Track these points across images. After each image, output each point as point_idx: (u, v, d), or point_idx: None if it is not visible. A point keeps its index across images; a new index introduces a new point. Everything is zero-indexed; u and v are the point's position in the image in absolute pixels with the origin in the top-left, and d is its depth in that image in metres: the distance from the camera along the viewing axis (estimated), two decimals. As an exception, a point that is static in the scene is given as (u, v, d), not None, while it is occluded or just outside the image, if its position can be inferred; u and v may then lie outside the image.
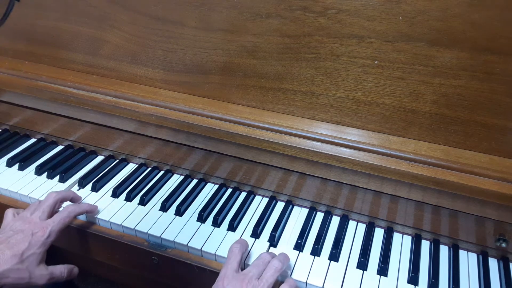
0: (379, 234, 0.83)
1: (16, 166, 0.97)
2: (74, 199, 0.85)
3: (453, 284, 0.72)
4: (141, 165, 0.99)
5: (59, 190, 0.82)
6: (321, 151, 0.77)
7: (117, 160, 1.00)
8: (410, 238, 0.82)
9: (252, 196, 0.91)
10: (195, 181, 0.95)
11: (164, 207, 0.87)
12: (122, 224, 0.82)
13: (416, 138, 0.75)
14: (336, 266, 0.76)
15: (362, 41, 0.71)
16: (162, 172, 0.97)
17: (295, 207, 0.89)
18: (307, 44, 0.74)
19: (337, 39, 0.72)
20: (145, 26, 0.85)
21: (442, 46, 0.67)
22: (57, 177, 0.94)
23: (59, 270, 0.75)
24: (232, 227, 0.82)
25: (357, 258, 0.77)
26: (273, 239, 0.80)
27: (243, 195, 0.91)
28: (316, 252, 0.78)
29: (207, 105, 0.85)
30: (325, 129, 0.78)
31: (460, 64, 0.67)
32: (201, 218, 0.84)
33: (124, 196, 0.89)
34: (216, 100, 0.85)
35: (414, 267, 0.75)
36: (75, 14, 0.90)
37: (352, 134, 0.77)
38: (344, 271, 0.75)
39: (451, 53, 0.67)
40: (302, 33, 0.74)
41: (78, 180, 0.93)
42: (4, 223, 0.75)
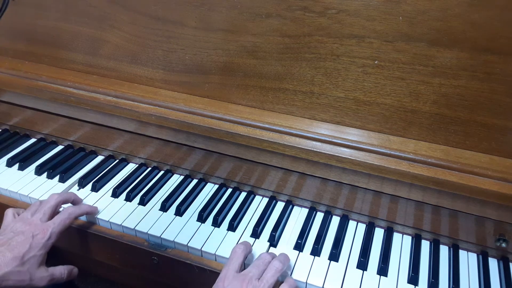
0: (379, 234, 0.83)
1: (16, 166, 0.97)
2: (76, 201, 0.84)
3: (453, 284, 0.72)
4: (141, 165, 0.99)
5: (61, 192, 0.82)
6: (321, 151, 0.77)
7: (117, 160, 1.00)
8: (410, 238, 0.82)
9: (252, 196, 0.91)
10: (195, 181, 0.95)
11: (164, 207, 0.87)
12: (122, 224, 0.82)
13: (416, 138, 0.75)
14: (336, 266, 0.76)
15: (362, 41, 0.71)
16: (162, 172, 0.97)
17: (295, 207, 0.89)
18: (307, 44, 0.74)
19: (337, 39, 0.72)
20: (145, 26, 0.85)
21: (442, 46, 0.67)
22: (57, 177, 0.94)
23: (59, 272, 0.75)
24: (232, 227, 0.82)
25: (357, 258, 0.77)
26: (273, 239, 0.80)
27: (243, 195, 0.91)
28: (316, 252, 0.78)
29: (207, 105, 0.85)
30: (325, 129, 0.79)
31: (460, 64, 0.67)
32: (201, 218, 0.84)
33: (124, 196, 0.90)
34: (216, 100, 0.85)
35: (414, 267, 0.75)
36: (75, 14, 0.90)
37: (352, 134, 0.77)
38: (344, 271, 0.75)
39: (451, 53, 0.67)
40: (302, 33, 0.74)
41: (78, 180, 0.93)
42: (5, 224, 0.75)
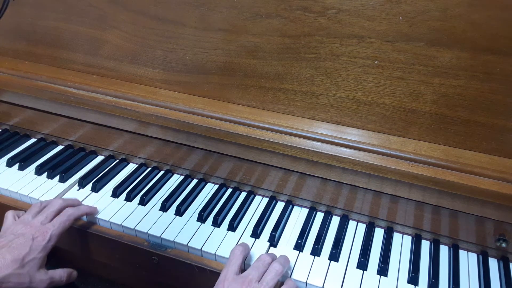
0: (379, 234, 0.83)
1: (16, 166, 0.97)
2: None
3: (453, 284, 0.72)
4: (141, 165, 0.99)
5: (66, 198, 0.81)
6: (321, 151, 0.77)
7: (117, 160, 1.00)
8: (410, 238, 0.82)
9: (252, 196, 0.91)
10: (195, 181, 0.95)
11: (164, 207, 0.87)
12: (122, 224, 0.82)
13: (416, 138, 0.75)
14: (336, 266, 0.76)
15: (362, 41, 0.71)
16: (162, 172, 0.97)
17: (295, 207, 0.89)
18: (307, 44, 0.74)
19: (337, 39, 0.72)
20: (145, 26, 0.85)
21: (442, 46, 0.67)
22: (57, 177, 0.94)
23: (59, 274, 0.75)
24: (232, 227, 0.82)
25: (357, 258, 0.77)
26: (273, 239, 0.80)
27: (243, 195, 0.91)
28: (316, 252, 0.78)
29: (207, 105, 0.85)
30: (325, 129, 0.79)
31: (460, 64, 0.67)
32: (201, 218, 0.84)
33: (124, 196, 0.89)
34: (216, 100, 0.85)
35: (414, 267, 0.75)
36: (75, 14, 0.90)
37: (352, 134, 0.77)
38: (344, 271, 0.75)
39: (451, 53, 0.67)
40: (302, 33, 0.74)
41: (78, 180, 0.93)
42: (5, 226, 0.75)
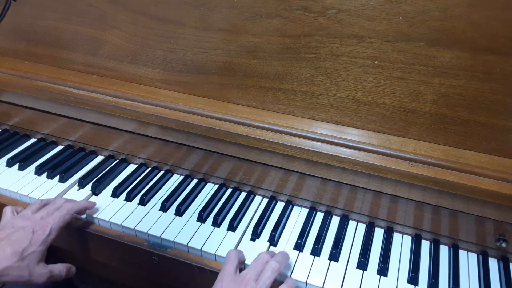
0: (379, 234, 0.83)
1: (16, 166, 0.97)
2: (81, 212, 0.83)
3: (453, 284, 0.72)
4: (141, 165, 0.99)
5: (68, 199, 0.81)
6: (321, 151, 0.77)
7: (117, 160, 1.00)
8: (410, 238, 0.82)
9: (252, 196, 0.91)
10: (195, 181, 0.95)
11: (164, 207, 0.87)
12: (122, 224, 0.82)
13: (416, 138, 0.75)
14: (336, 266, 0.76)
15: (362, 41, 0.71)
16: (162, 172, 0.97)
17: (295, 207, 0.89)
18: (307, 44, 0.74)
19: (337, 39, 0.72)
20: (145, 26, 0.85)
21: (442, 46, 0.67)
22: (57, 177, 0.94)
23: (58, 269, 0.75)
24: (232, 227, 0.82)
25: (357, 258, 0.77)
26: (273, 239, 0.80)
27: (243, 195, 0.91)
28: (316, 252, 0.78)
29: (207, 105, 0.85)
30: (325, 129, 0.79)
31: (460, 64, 0.67)
32: (201, 218, 0.84)
33: (124, 196, 0.89)
34: (216, 100, 0.85)
35: (414, 267, 0.75)
36: (75, 14, 0.90)
37: (352, 134, 0.77)
38: (344, 271, 0.75)
39: (451, 53, 0.67)
40: (302, 33, 0.74)
41: (78, 180, 0.93)
42: (3, 221, 0.75)
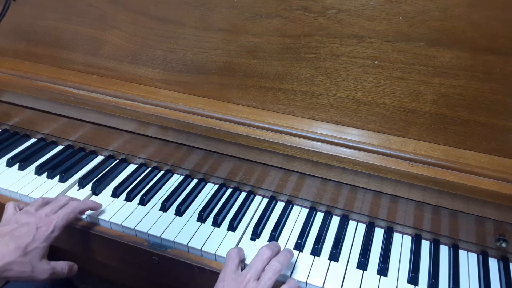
0: (379, 234, 0.83)
1: (16, 166, 0.97)
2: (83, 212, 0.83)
3: (453, 284, 0.72)
4: (141, 165, 0.99)
5: (72, 197, 0.81)
6: (321, 151, 0.77)
7: (117, 160, 1.00)
8: (410, 238, 0.82)
9: (252, 196, 0.91)
10: (195, 181, 0.95)
11: (164, 207, 0.87)
12: (122, 224, 0.82)
13: (416, 138, 0.75)
14: (336, 266, 0.76)
15: (362, 41, 0.71)
16: (162, 172, 0.97)
17: (295, 207, 0.89)
18: (307, 44, 0.74)
19: (337, 39, 0.72)
20: (145, 26, 0.85)
21: (442, 46, 0.67)
22: (57, 177, 0.94)
23: (60, 266, 0.75)
24: (232, 227, 0.82)
25: (357, 258, 0.77)
26: (273, 239, 0.80)
27: (243, 195, 0.91)
28: (316, 252, 0.78)
29: (207, 105, 0.85)
30: (325, 129, 0.79)
31: (460, 64, 0.67)
32: (201, 218, 0.84)
33: (124, 196, 0.89)
34: (216, 100, 0.85)
35: (414, 267, 0.75)
36: (75, 14, 0.90)
37: (352, 134, 0.77)
38: (344, 271, 0.75)
39: (451, 53, 0.67)
40: (302, 33, 0.74)
41: (78, 180, 0.93)
42: (5, 216, 0.75)
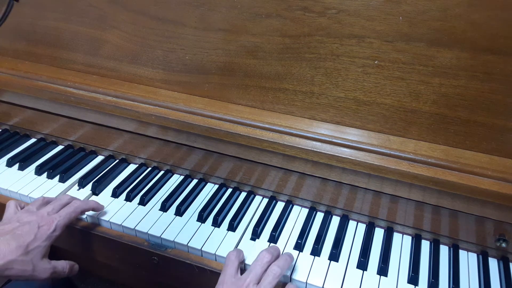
0: (379, 234, 0.83)
1: (16, 166, 0.97)
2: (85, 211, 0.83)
3: (453, 284, 0.72)
4: (141, 165, 0.99)
5: (73, 196, 0.81)
6: (321, 151, 0.77)
7: (117, 160, 1.00)
8: (410, 238, 0.82)
9: (252, 196, 0.91)
10: (195, 181, 0.95)
11: (164, 207, 0.87)
12: (122, 224, 0.82)
13: (416, 138, 0.75)
14: (336, 266, 0.76)
15: (362, 41, 0.71)
16: (162, 172, 0.97)
17: (295, 207, 0.89)
18: (307, 44, 0.74)
19: (337, 39, 0.72)
20: (145, 26, 0.85)
21: (442, 46, 0.67)
22: (57, 177, 0.94)
23: (61, 265, 0.75)
24: (232, 227, 0.82)
25: (357, 258, 0.77)
26: (273, 239, 0.80)
27: (243, 195, 0.91)
28: (316, 252, 0.78)
29: (207, 105, 0.85)
30: (325, 129, 0.78)
31: (460, 64, 0.67)
32: (201, 218, 0.84)
33: (124, 196, 0.89)
34: (216, 100, 0.85)
35: (414, 267, 0.75)
36: (75, 14, 0.90)
37: (352, 134, 0.77)
38: (344, 271, 0.75)
39: (451, 53, 0.67)
40: (302, 33, 0.74)
41: (78, 180, 0.93)
42: (6, 215, 0.75)
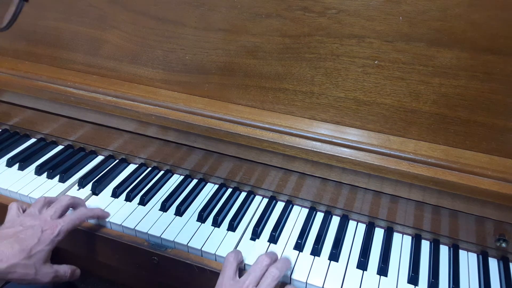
0: (379, 234, 0.83)
1: (16, 166, 0.97)
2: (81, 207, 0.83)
3: (453, 284, 0.72)
4: (141, 165, 0.99)
5: (73, 196, 0.82)
6: (321, 151, 0.77)
7: (117, 160, 1.00)
8: (410, 238, 0.82)
9: (252, 196, 0.91)
10: (195, 181, 0.95)
11: (164, 207, 0.87)
12: (122, 224, 0.82)
13: (416, 138, 0.75)
14: (336, 266, 0.76)
15: (362, 41, 0.71)
16: (162, 172, 0.97)
17: (295, 207, 0.89)
18: (307, 44, 0.74)
19: (337, 39, 0.72)
20: (145, 26, 0.85)
21: (442, 46, 0.67)
22: (57, 177, 0.94)
23: (63, 270, 0.75)
24: (232, 227, 0.82)
25: (357, 258, 0.77)
26: (273, 239, 0.80)
27: (243, 195, 0.91)
28: (316, 252, 0.78)
29: (207, 105, 0.85)
30: (325, 129, 0.78)
31: (460, 64, 0.67)
32: (201, 218, 0.84)
33: (124, 196, 0.89)
34: (216, 100, 0.85)
35: (414, 267, 0.75)
36: (75, 14, 0.90)
37: (352, 134, 0.77)
38: (344, 271, 0.75)
39: (451, 53, 0.67)
40: (302, 33, 0.74)
41: (78, 180, 0.93)
42: (8, 217, 0.75)
